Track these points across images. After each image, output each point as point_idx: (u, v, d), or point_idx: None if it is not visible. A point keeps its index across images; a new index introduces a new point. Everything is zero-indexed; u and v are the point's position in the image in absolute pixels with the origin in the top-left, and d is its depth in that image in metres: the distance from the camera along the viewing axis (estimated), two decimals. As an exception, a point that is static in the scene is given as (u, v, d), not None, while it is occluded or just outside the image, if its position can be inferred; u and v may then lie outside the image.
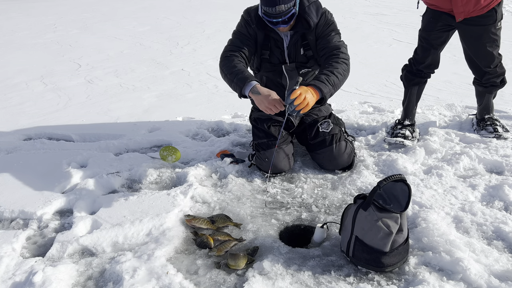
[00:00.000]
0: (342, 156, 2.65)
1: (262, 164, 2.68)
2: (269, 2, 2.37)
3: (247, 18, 2.64)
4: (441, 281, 1.75)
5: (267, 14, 2.42)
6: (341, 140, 2.68)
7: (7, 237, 2.13)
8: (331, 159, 2.66)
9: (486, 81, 2.93)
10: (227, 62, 2.54)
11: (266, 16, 2.44)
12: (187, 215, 2.26)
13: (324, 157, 2.69)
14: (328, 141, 2.67)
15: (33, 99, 4.57)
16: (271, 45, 2.67)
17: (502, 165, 2.66)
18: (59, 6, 12.94)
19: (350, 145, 2.73)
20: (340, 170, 2.70)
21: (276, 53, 2.68)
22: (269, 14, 2.41)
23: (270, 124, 2.76)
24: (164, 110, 4.09)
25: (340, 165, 2.68)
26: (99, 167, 2.84)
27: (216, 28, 8.28)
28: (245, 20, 2.65)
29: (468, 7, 2.61)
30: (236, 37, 2.66)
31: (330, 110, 2.90)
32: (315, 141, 2.72)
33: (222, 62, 2.58)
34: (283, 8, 2.37)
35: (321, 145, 2.69)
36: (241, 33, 2.65)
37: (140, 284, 1.78)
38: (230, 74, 2.48)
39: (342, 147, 2.66)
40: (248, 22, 2.63)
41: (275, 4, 2.36)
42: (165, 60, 6.07)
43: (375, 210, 1.79)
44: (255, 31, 2.63)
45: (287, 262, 1.91)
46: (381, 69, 5.02)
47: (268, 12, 2.41)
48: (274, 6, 2.36)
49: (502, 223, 2.09)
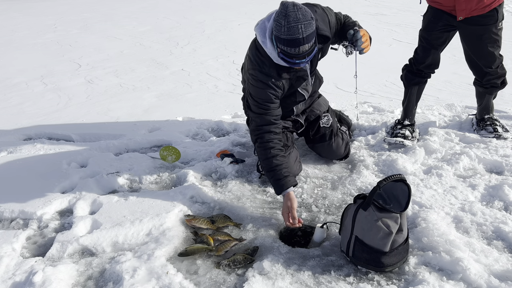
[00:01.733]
0: (340, 149, 2.82)
1: None
2: (290, 42, 1.99)
3: (268, 81, 2.26)
4: (441, 281, 1.75)
5: (288, 55, 2.05)
6: (338, 134, 2.82)
7: (7, 237, 2.14)
8: (331, 152, 2.83)
9: (487, 82, 2.93)
10: (263, 153, 2.32)
11: (286, 56, 2.07)
12: (187, 215, 2.26)
13: (324, 150, 2.85)
14: (327, 136, 2.79)
15: (33, 99, 4.57)
16: (291, 81, 2.39)
17: (502, 165, 2.66)
18: (59, 6, 12.93)
19: (345, 135, 2.90)
20: (338, 159, 2.88)
21: (297, 84, 2.44)
22: (291, 55, 2.04)
23: None
24: (164, 110, 4.09)
25: (339, 155, 2.85)
26: (99, 167, 2.84)
27: (216, 28, 8.28)
28: (268, 86, 2.27)
29: (471, 4, 2.61)
30: (263, 110, 2.32)
31: (327, 103, 2.95)
32: (316, 136, 2.83)
33: (258, 149, 2.35)
34: (306, 48, 2.02)
35: (321, 140, 2.81)
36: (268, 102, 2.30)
37: (140, 284, 1.78)
38: (267, 171, 2.31)
39: (340, 140, 2.81)
40: (273, 85, 2.27)
41: (299, 45, 1.99)
42: (165, 60, 6.07)
43: (375, 210, 1.79)
44: (283, 84, 2.31)
45: (287, 262, 1.91)
46: (381, 69, 5.02)
47: (289, 53, 2.04)
48: (297, 47, 2.00)
49: (502, 223, 2.09)
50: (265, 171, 2.35)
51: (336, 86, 4.43)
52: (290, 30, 1.97)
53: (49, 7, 12.78)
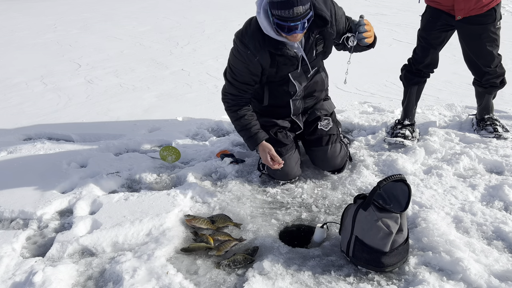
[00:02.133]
0: (335, 159, 2.61)
1: (275, 174, 2.58)
2: (284, 4, 2.06)
3: (245, 53, 2.30)
4: (441, 281, 1.75)
5: (282, 18, 2.10)
6: (337, 142, 2.63)
7: (7, 237, 2.14)
8: (324, 160, 2.62)
9: (486, 82, 2.93)
10: (233, 118, 2.54)
11: (281, 21, 2.11)
12: (187, 215, 2.26)
13: (317, 156, 2.65)
14: (324, 140, 2.61)
15: (33, 99, 4.57)
16: (278, 63, 2.39)
17: (502, 165, 2.66)
18: (59, 6, 12.93)
19: (345, 148, 2.70)
20: (330, 172, 2.68)
21: (285, 68, 2.43)
22: (285, 18, 2.09)
23: (276, 131, 2.63)
24: (164, 110, 4.09)
25: (331, 167, 2.64)
26: (99, 167, 2.84)
27: (216, 28, 8.28)
28: (244, 58, 2.32)
29: (469, 4, 2.62)
30: (234, 80, 2.42)
31: (333, 108, 2.83)
32: (312, 138, 2.66)
33: (229, 115, 2.57)
34: (301, 10, 2.07)
35: (317, 143, 2.63)
36: (240, 75, 2.39)
37: (140, 284, 1.78)
38: (239, 131, 2.56)
39: (337, 149, 2.61)
40: (248, 59, 2.32)
41: (292, 6, 2.05)
42: (165, 60, 6.07)
43: (375, 210, 1.79)
44: (260, 61, 2.33)
45: (287, 262, 1.91)
46: (381, 69, 5.02)
47: (283, 16, 2.09)
48: (291, 8, 2.05)
49: (502, 223, 2.09)
50: (237, 131, 2.57)
51: (336, 86, 4.42)
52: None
53: (49, 7, 12.77)
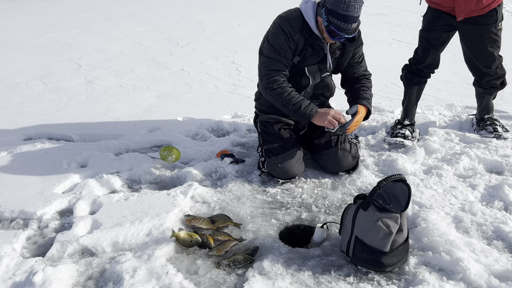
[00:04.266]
0: (347, 158, 2.63)
1: (275, 171, 2.58)
2: (346, 18, 2.27)
3: (287, 29, 2.46)
4: (441, 281, 1.75)
5: (339, 28, 2.31)
6: (346, 142, 2.66)
7: (7, 237, 2.13)
8: (336, 161, 2.62)
9: (486, 83, 2.92)
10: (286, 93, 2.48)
11: (337, 29, 2.32)
12: (187, 215, 2.26)
13: (329, 158, 2.65)
14: (333, 142, 2.64)
15: (33, 99, 4.57)
16: (306, 52, 2.54)
17: (502, 165, 2.66)
18: (59, 6, 12.93)
19: (355, 147, 2.72)
20: (344, 172, 2.67)
21: (309, 59, 2.57)
22: (341, 29, 2.31)
23: (280, 127, 2.66)
24: (164, 110, 4.09)
25: (345, 167, 2.64)
26: (99, 167, 2.84)
27: (216, 28, 8.28)
28: (285, 33, 2.46)
29: (470, 5, 2.61)
30: (276, 54, 2.50)
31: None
32: (320, 141, 2.68)
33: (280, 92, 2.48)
34: (355, 26, 2.34)
35: (326, 146, 2.65)
36: (281, 49, 2.49)
37: (140, 284, 1.78)
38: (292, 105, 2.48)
39: (347, 148, 2.64)
40: (290, 34, 2.46)
41: (352, 22, 2.29)
42: (165, 60, 6.07)
43: (375, 210, 1.79)
44: (297, 41, 2.49)
45: (287, 262, 1.91)
46: (381, 69, 5.02)
47: (341, 27, 2.31)
48: (350, 24, 2.30)
49: (502, 223, 2.10)
50: (289, 107, 2.49)
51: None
52: (349, 8, 2.26)
53: (49, 7, 12.78)
